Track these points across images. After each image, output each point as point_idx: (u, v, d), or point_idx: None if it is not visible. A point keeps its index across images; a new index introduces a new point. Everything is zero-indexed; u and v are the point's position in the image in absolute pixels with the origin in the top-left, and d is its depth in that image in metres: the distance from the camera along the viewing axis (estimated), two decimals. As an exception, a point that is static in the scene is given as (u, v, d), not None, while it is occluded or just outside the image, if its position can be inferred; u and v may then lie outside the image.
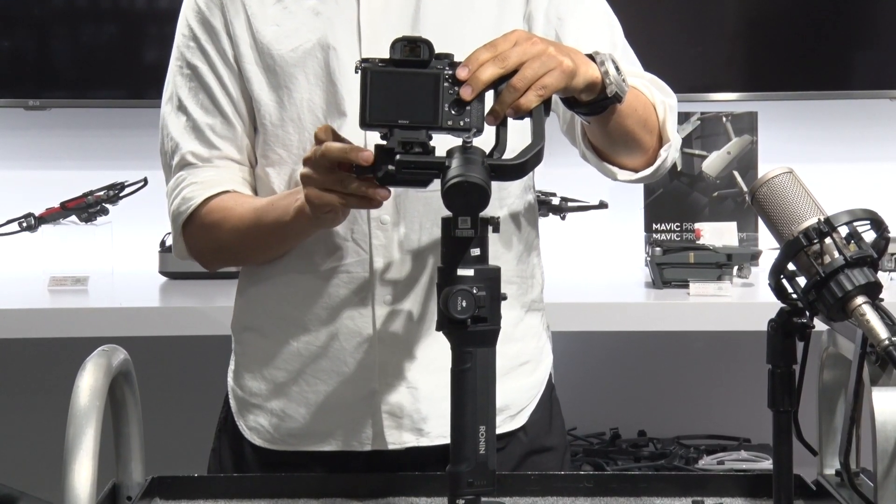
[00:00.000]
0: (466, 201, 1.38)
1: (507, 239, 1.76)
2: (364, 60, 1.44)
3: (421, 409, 1.73)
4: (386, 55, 1.46)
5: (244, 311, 1.82)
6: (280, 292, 1.75)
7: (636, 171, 1.73)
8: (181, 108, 1.77)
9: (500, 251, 1.74)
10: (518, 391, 1.79)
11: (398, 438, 1.74)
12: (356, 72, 1.45)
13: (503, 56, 1.42)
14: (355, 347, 1.72)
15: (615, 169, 1.72)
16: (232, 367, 1.84)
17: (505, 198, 1.75)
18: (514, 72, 1.42)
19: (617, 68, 1.54)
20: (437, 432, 1.72)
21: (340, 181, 1.50)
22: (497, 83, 1.43)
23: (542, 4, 1.74)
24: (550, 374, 1.86)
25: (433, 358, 1.67)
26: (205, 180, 1.75)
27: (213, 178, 1.76)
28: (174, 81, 1.79)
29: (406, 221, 1.71)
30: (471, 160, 1.40)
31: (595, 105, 1.56)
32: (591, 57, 1.53)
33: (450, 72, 1.44)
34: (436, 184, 1.42)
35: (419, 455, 1.74)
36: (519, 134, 1.46)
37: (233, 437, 1.82)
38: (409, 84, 1.44)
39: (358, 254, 1.71)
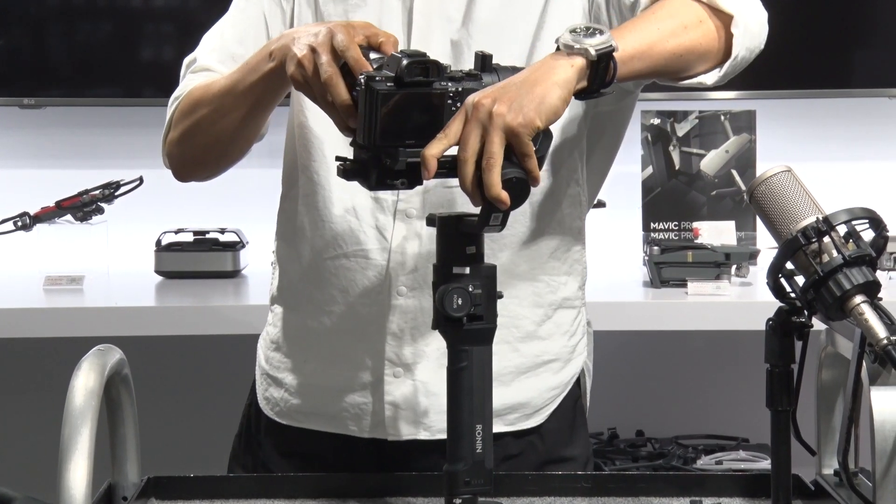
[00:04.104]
0: (513, 195, 1.39)
1: (537, 234, 1.74)
2: (370, 78, 1.43)
3: (424, 403, 1.73)
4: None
5: (277, 283, 1.84)
6: (304, 270, 1.77)
7: (715, 67, 1.61)
8: (221, 31, 1.80)
9: (529, 247, 1.73)
10: (537, 390, 1.77)
11: (398, 430, 1.74)
12: (357, 87, 1.44)
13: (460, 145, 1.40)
14: (367, 335, 1.73)
15: (697, 80, 1.62)
16: (263, 334, 1.87)
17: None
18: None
19: (587, 29, 1.44)
20: (439, 427, 1.72)
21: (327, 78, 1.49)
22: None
23: None
24: (579, 380, 1.82)
25: (442, 353, 1.67)
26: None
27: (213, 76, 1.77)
28: (228, 12, 1.81)
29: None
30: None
31: (601, 78, 1.47)
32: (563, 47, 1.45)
33: (452, 88, 1.43)
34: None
35: (420, 448, 1.74)
36: None
37: (256, 411, 1.83)
38: (417, 104, 1.43)
39: (379, 242, 1.72)
